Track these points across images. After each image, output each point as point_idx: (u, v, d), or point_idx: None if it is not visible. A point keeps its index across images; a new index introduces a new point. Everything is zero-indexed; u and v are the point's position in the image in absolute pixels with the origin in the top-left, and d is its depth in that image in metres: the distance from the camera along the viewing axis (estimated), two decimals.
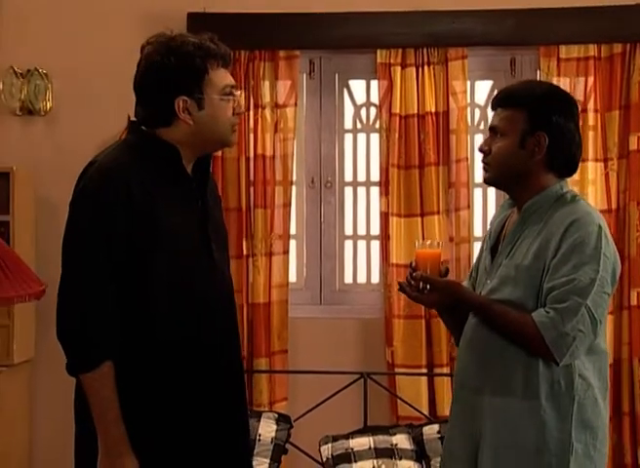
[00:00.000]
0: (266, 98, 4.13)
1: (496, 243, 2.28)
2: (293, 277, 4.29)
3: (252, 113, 4.11)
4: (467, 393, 2.19)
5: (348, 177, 4.35)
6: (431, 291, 2.16)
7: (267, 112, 4.12)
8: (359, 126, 4.36)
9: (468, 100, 4.26)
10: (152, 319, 2.06)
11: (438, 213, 4.06)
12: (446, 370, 3.97)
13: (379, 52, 4.10)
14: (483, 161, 2.25)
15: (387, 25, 4.09)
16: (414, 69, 4.07)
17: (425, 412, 3.91)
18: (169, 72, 2.10)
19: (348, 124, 4.36)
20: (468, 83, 4.25)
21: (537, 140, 2.17)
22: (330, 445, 3.37)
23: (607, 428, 2.19)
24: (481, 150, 2.24)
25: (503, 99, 2.24)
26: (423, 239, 2.41)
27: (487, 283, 2.22)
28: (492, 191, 4.19)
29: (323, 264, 4.30)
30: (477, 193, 4.24)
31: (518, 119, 2.18)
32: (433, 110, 4.07)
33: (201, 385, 2.12)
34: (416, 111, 4.06)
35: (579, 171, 3.90)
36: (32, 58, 4.23)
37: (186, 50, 2.10)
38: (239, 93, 2.23)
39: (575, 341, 2.07)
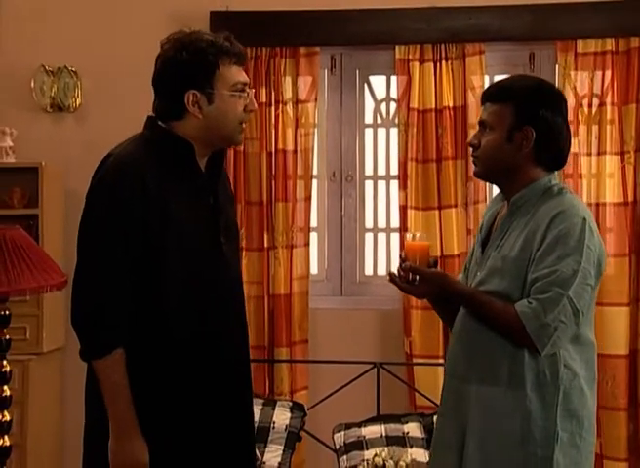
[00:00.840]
0: (287, 94, 4.21)
1: (487, 235, 2.33)
2: (314, 269, 4.38)
3: (273, 109, 4.19)
4: (456, 382, 2.25)
5: (369, 171, 4.43)
6: (420, 281, 2.22)
7: (288, 108, 4.21)
8: (379, 121, 4.43)
9: None
10: (162, 310, 2.14)
11: (455, 206, 4.12)
12: None
13: (397, 48, 4.17)
14: (473, 155, 2.29)
15: (406, 21, 4.16)
16: (432, 65, 4.14)
17: None
18: (181, 66, 2.18)
19: (369, 119, 4.44)
20: (487, 78, 4.31)
21: (524, 135, 2.21)
22: (343, 432, 3.45)
23: (594, 417, 2.22)
24: (470, 144, 2.28)
25: (492, 94, 2.28)
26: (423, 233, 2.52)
27: (477, 275, 2.27)
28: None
29: (344, 257, 4.39)
30: (494, 186, 4.28)
31: (506, 113, 2.21)
32: (451, 105, 4.13)
33: (208, 374, 2.20)
34: (433, 106, 4.13)
35: (596, 164, 4.03)
36: (62, 56, 4.36)
37: (199, 46, 2.18)
38: (252, 91, 2.27)
39: (556, 332, 2.10)
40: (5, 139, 4.12)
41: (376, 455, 3.22)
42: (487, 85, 4.29)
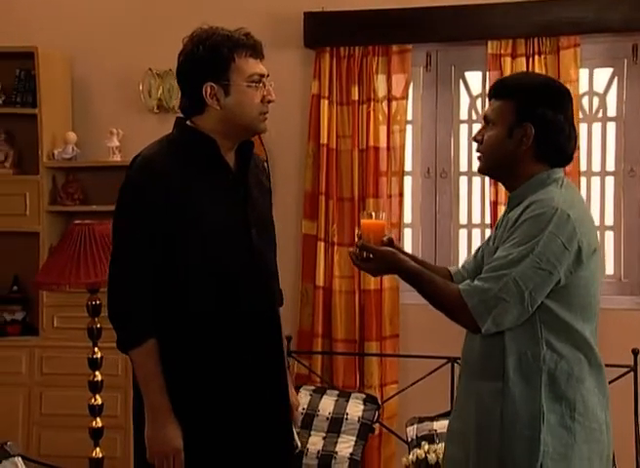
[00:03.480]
0: (380, 92, 4.26)
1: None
2: None
3: (365, 106, 4.26)
4: (461, 378, 2.30)
5: (463, 168, 4.43)
6: (372, 259, 2.23)
7: (380, 105, 4.26)
8: (474, 116, 4.42)
9: (586, 89, 4.24)
10: (190, 301, 2.25)
11: None
12: None
13: (489, 43, 4.15)
14: (477, 150, 2.30)
15: (498, 16, 4.13)
16: (524, 59, 4.09)
17: None
18: (197, 60, 2.28)
19: (464, 115, 4.43)
20: (587, 71, 4.23)
21: (523, 131, 2.20)
22: (415, 426, 3.49)
23: (597, 405, 2.18)
24: (474, 139, 2.30)
25: (496, 90, 2.28)
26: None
27: None
28: (596, 180, 4.17)
29: (437, 252, 4.40)
30: (582, 181, 4.20)
31: (507, 110, 2.22)
32: None
33: (238, 358, 2.29)
34: None
35: None
36: (168, 60, 4.52)
37: (215, 40, 2.28)
38: (271, 83, 2.35)
39: (496, 308, 2.09)
40: (112, 140, 4.37)
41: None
42: (584, 79, 4.22)
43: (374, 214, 2.32)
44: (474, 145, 2.33)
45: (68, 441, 4.05)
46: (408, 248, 4.45)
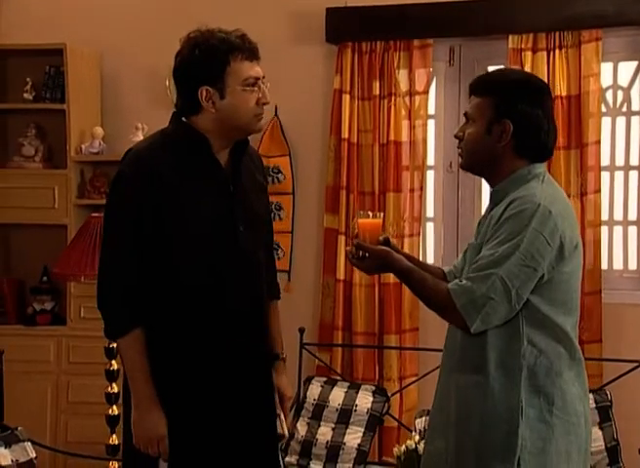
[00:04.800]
0: (401, 87, 4.28)
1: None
2: (430, 259, 4.44)
3: (386, 101, 4.28)
4: (442, 371, 2.32)
5: None
6: (368, 258, 2.25)
7: (402, 100, 4.28)
8: None
9: (610, 82, 4.22)
10: (176, 289, 2.31)
11: (568, 196, 4.03)
12: None
13: (510, 37, 4.14)
14: (458, 147, 2.33)
15: (519, 11, 4.12)
16: (545, 53, 4.08)
17: None
18: (193, 63, 2.32)
19: None
20: (611, 64, 4.20)
21: (502, 127, 2.22)
22: (424, 418, 3.51)
23: (576, 400, 2.19)
24: (455, 136, 2.32)
25: (475, 87, 2.30)
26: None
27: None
28: (620, 175, 4.14)
29: (459, 246, 4.41)
30: (605, 175, 4.18)
31: (486, 106, 2.23)
32: (564, 94, 4.06)
33: (222, 350, 2.34)
34: None
35: None
36: None
37: (210, 43, 2.30)
38: (267, 84, 2.39)
39: (485, 307, 2.11)
40: (138, 135, 4.45)
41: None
42: (608, 72, 4.19)
43: (370, 213, 2.34)
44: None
45: (93, 428, 4.14)
46: (430, 242, 4.47)
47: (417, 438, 3.28)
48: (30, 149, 4.53)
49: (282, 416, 2.49)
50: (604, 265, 4.12)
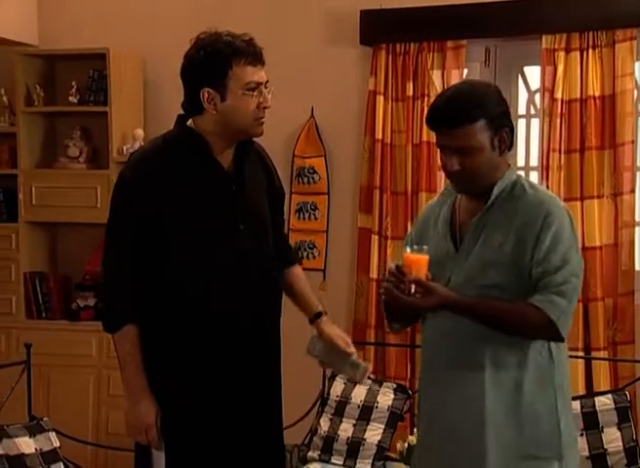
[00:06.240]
0: (434, 88, 4.31)
1: (451, 230, 2.34)
2: None
3: (419, 102, 4.31)
4: (441, 366, 2.31)
5: (520, 162, 4.42)
6: (425, 294, 2.18)
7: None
8: (533, 111, 4.41)
9: None
10: (172, 288, 2.39)
11: (600, 196, 4.03)
12: (603, 353, 3.97)
13: (544, 37, 4.13)
14: (455, 178, 2.28)
15: (552, 10, 4.11)
16: (578, 53, 4.07)
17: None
18: (197, 65, 2.39)
19: (522, 110, 4.43)
20: None
21: (501, 137, 2.26)
22: None
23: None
24: (453, 172, 2.25)
25: (452, 120, 2.20)
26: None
27: (455, 270, 2.28)
28: None
29: None
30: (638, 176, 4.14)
31: (479, 130, 2.21)
32: (598, 94, 4.04)
33: (219, 345, 2.41)
34: (578, 96, 4.05)
35: None
36: None
37: (216, 46, 2.37)
38: (268, 90, 2.44)
39: (570, 315, 2.24)
40: None
41: None
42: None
43: (416, 247, 2.24)
44: (533, 141, 2.47)
45: None
46: None
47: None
48: (75, 150, 4.68)
49: (354, 356, 2.56)
50: (637, 266, 4.08)
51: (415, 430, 3.48)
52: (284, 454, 2.58)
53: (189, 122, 2.48)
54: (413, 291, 2.18)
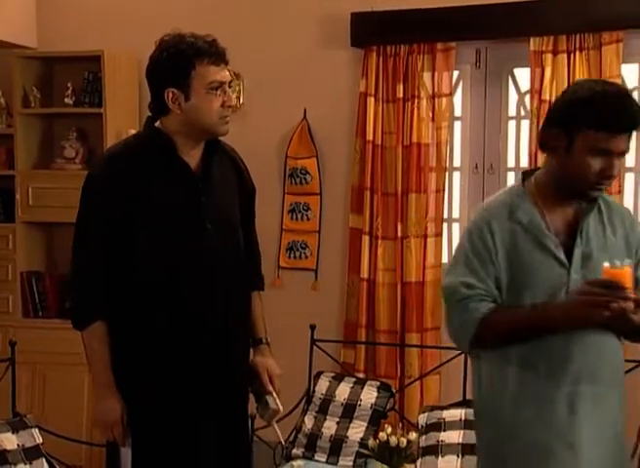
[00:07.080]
0: (425, 89, 4.35)
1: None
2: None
3: (409, 103, 4.35)
4: (596, 388, 2.24)
5: (511, 163, 4.46)
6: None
7: (425, 102, 4.35)
8: (522, 113, 4.44)
9: (636, 84, 4.22)
10: (139, 286, 2.44)
11: None
12: None
13: (531, 40, 4.17)
14: (609, 184, 2.29)
15: (540, 13, 4.15)
16: (565, 56, 4.10)
17: None
18: (160, 66, 2.44)
19: (512, 111, 4.47)
20: (636, 66, 4.20)
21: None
22: (427, 414, 3.57)
23: None
24: (614, 176, 2.20)
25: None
26: None
27: (575, 274, 2.20)
28: None
29: None
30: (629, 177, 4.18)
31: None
32: None
33: (184, 343, 2.46)
34: None
35: None
36: (233, 62, 4.71)
37: (179, 47, 2.42)
38: (234, 89, 2.51)
39: None
40: None
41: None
42: (634, 74, 4.18)
43: (617, 263, 2.07)
44: (523, 142, 2.45)
45: None
46: (457, 242, 4.50)
47: (389, 430, 3.38)
48: (71, 151, 4.74)
49: (274, 394, 2.58)
50: None
51: (386, 427, 3.54)
52: (251, 452, 2.62)
53: (157, 123, 2.52)
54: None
